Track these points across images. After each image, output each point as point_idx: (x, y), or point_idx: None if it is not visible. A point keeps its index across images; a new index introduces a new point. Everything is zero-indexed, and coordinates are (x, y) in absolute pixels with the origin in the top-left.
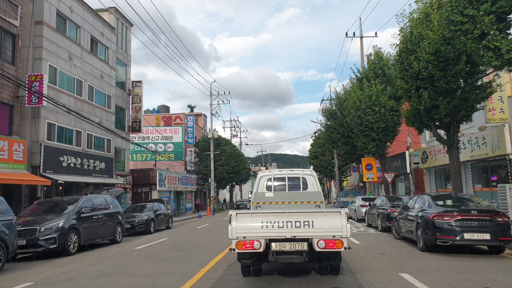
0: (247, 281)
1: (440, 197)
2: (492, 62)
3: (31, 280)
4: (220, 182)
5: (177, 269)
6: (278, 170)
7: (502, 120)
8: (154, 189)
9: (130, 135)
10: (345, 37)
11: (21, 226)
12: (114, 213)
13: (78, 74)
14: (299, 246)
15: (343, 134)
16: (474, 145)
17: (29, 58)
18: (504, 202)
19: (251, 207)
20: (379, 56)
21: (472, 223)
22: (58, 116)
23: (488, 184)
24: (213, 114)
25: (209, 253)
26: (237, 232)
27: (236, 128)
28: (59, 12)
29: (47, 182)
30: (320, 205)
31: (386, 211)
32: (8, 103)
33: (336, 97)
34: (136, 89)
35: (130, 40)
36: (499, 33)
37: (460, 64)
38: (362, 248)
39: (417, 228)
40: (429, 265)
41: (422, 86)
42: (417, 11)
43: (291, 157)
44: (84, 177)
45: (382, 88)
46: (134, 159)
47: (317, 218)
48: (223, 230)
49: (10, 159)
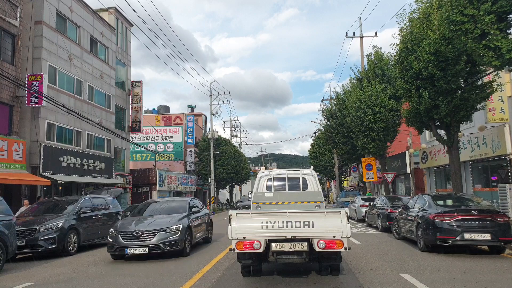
0: (247, 281)
1: (441, 197)
2: (492, 62)
3: (30, 280)
4: (220, 182)
5: (177, 269)
6: (278, 170)
7: (502, 120)
8: (154, 189)
9: (130, 135)
10: (345, 37)
11: (21, 226)
12: (114, 213)
13: (78, 74)
14: (299, 246)
15: (343, 134)
16: (474, 145)
17: (28, 58)
18: (504, 202)
19: (251, 207)
20: (379, 56)
21: (473, 223)
22: (58, 116)
23: (488, 184)
24: (213, 114)
25: (209, 253)
26: (237, 232)
27: (236, 128)
28: (58, 12)
29: (47, 182)
30: (320, 205)
31: (386, 211)
32: (8, 103)
33: (336, 97)
34: (136, 89)
35: (130, 40)
36: (499, 32)
37: (460, 64)
38: (362, 248)
39: (418, 228)
40: (430, 265)
41: (422, 86)
42: (417, 11)
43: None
44: (84, 177)
45: (382, 88)
46: (134, 159)
47: (317, 218)
48: (223, 230)
49: (9, 159)
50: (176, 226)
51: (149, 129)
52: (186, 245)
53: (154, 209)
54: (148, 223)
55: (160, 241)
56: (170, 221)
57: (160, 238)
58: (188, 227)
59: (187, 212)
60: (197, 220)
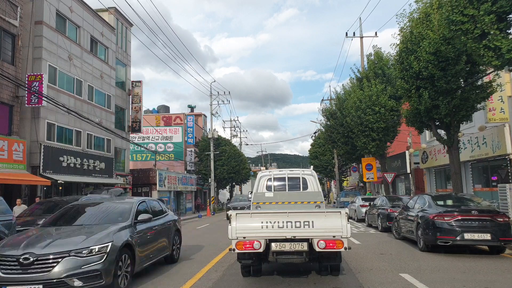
0: (247, 281)
1: (441, 197)
2: (492, 62)
3: None
4: (220, 182)
5: (177, 269)
6: (278, 170)
7: (502, 120)
8: (154, 189)
9: (130, 135)
10: (345, 37)
11: (21, 226)
12: None
13: (78, 74)
14: (299, 246)
15: (343, 134)
16: (474, 145)
17: (28, 58)
18: (504, 202)
19: (251, 207)
20: (379, 56)
21: (473, 223)
22: (58, 116)
23: (488, 184)
24: (213, 114)
25: (209, 253)
26: (237, 232)
27: (236, 128)
28: (58, 12)
29: (47, 182)
30: (320, 205)
31: (386, 211)
32: (8, 103)
33: (336, 97)
34: (136, 89)
35: (130, 40)
36: (499, 32)
37: (460, 64)
38: (362, 248)
39: (418, 228)
40: (430, 265)
41: (422, 86)
42: (417, 11)
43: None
44: (84, 177)
45: (382, 88)
46: (134, 159)
47: (317, 218)
48: (223, 230)
49: (9, 159)
50: (100, 245)
51: (149, 129)
52: (120, 275)
53: (77, 217)
54: (49, 242)
55: (66, 273)
56: (92, 237)
57: (67, 268)
58: (127, 246)
59: (129, 221)
60: (149, 232)
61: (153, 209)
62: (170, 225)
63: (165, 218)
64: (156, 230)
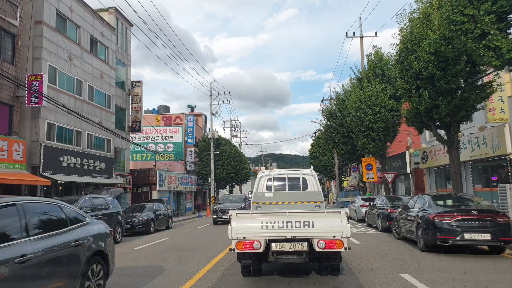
0: (247, 281)
1: (441, 197)
2: (492, 62)
3: None
4: (220, 182)
5: (177, 269)
6: (278, 170)
7: (503, 120)
8: (154, 189)
9: (130, 135)
10: (345, 37)
11: None
12: (114, 213)
13: (78, 74)
14: (299, 246)
15: (343, 134)
16: (474, 145)
17: (28, 58)
18: (504, 202)
19: (251, 207)
20: (379, 56)
21: (473, 223)
22: (58, 116)
23: (488, 184)
24: (213, 114)
25: (209, 253)
26: (237, 232)
27: (236, 128)
28: (58, 12)
29: (47, 182)
30: (320, 205)
31: (386, 211)
32: (8, 103)
33: (336, 97)
34: (136, 89)
35: (130, 40)
36: (499, 32)
37: (460, 64)
38: (362, 248)
39: (418, 228)
40: (430, 265)
41: (422, 86)
42: (417, 11)
43: (291, 157)
44: (84, 177)
45: (382, 88)
46: (134, 159)
47: (317, 218)
48: (223, 230)
49: (9, 159)
50: None
51: (149, 129)
52: None
53: None
54: None
55: None
56: None
57: None
58: None
59: None
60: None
61: (41, 219)
62: (82, 247)
63: (71, 234)
64: (38, 258)
